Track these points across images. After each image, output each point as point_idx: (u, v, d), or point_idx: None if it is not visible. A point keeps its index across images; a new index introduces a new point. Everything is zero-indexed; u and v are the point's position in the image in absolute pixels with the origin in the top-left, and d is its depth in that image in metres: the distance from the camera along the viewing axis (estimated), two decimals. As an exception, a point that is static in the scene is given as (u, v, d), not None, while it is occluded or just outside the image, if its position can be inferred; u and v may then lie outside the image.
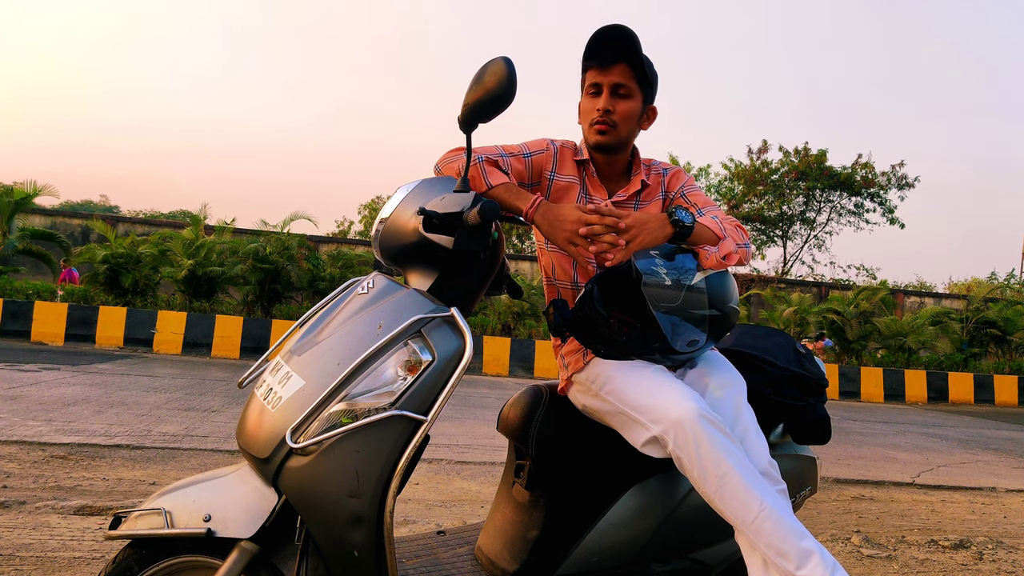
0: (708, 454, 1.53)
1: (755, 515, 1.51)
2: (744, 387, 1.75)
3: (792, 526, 1.52)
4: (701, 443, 1.53)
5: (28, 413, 5.21)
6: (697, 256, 1.71)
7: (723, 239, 1.72)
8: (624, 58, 1.78)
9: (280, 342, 1.61)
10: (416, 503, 3.76)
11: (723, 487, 1.52)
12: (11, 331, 10.89)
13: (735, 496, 1.52)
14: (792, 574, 1.48)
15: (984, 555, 3.51)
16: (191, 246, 12.85)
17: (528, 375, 11.84)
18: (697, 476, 1.54)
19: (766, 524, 1.51)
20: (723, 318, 1.72)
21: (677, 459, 1.57)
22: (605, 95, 1.80)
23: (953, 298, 19.97)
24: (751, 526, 1.51)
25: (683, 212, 1.66)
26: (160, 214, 31.33)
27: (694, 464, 1.54)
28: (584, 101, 1.86)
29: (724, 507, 1.54)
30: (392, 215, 1.61)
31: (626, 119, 1.82)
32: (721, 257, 1.70)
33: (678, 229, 1.64)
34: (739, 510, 1.52)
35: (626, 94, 1.81)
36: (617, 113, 1.80)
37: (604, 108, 1.80)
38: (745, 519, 1.52)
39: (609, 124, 1.81)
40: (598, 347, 1.76)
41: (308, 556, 1.45)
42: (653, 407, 1.61)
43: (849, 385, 12.75)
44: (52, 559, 2.61)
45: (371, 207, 29.31)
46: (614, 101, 1.80)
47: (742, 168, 22.27)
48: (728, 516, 1.55)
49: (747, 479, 1.53)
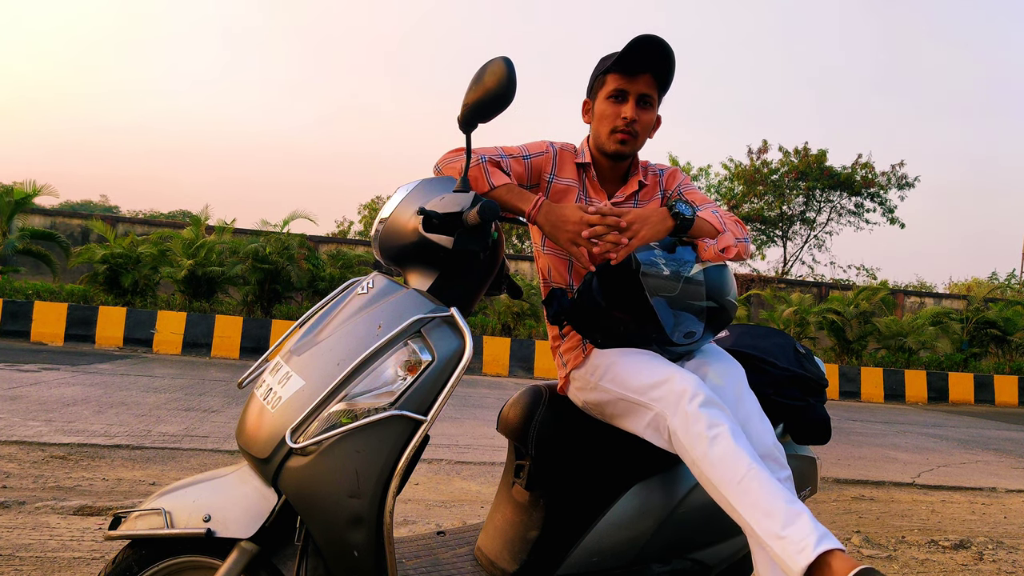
0: (703, 420, 1.52)
1: (743, 475, 1.46)
2: (744, 375, 1.75)
3: (781, 489, 1.46)
4: (698, 413, 1.53)
5: (28, 413, 5.21)
6: (696, 248, 1.72)
7: (722, 232, 1.73)
8: (652, 68, 1.78)
9: (280, 342, 1.62)
10: (416, 503, 3.76)
11: (713, 448, 1.49)
12: (11, 331, 10.89)
13: (724, 458, 1.48)
14: (777, 534, 1.40)
15: (984, 555, 3.51)
16: (191, 246, 12.84)
17: (528, 375, 11.84)
18: (689, 443, 1.52)
19: (753, 483, 1.46)
20: (721, 311, 1.74)
21: (674, 435, 1.56)
22: (631, 104, 1.80)
23: (953, 298, 19.96)
24: (738, 486, 1.46)
25: (683, 205, 1.67)
26: (160, 214, 31.31)
27: (688, 430, 1.52)
28: (604, 105, 1.84)
29: (712, 470, 1.49)
30: (392, 215, 1.61)
31: (647, 129, 1.85)
32: (720, 250, 1.71)
33: (679, 222, 1.65)
34: (727, 471, 1.48)
35: (649, 104, 1.82)
36: (640, 123, 1.82)
37: (632, 117, 1.79)
38: (732, 479, 1.47)
39: (632, 134, 1.81)
40: (596, 337, 1.78)
41: (308, 556, 1.45)
42: (653, 385, 1.62)
43: (849, 385, 12.75)
44: (52, 559, 2.61)
45: (371, 207, 29.31)
46: (639, 111, 1.81)
47: (742, 168, 22.25)
48: (716, 480, 1.49)
49: (737, 441, 1.50)
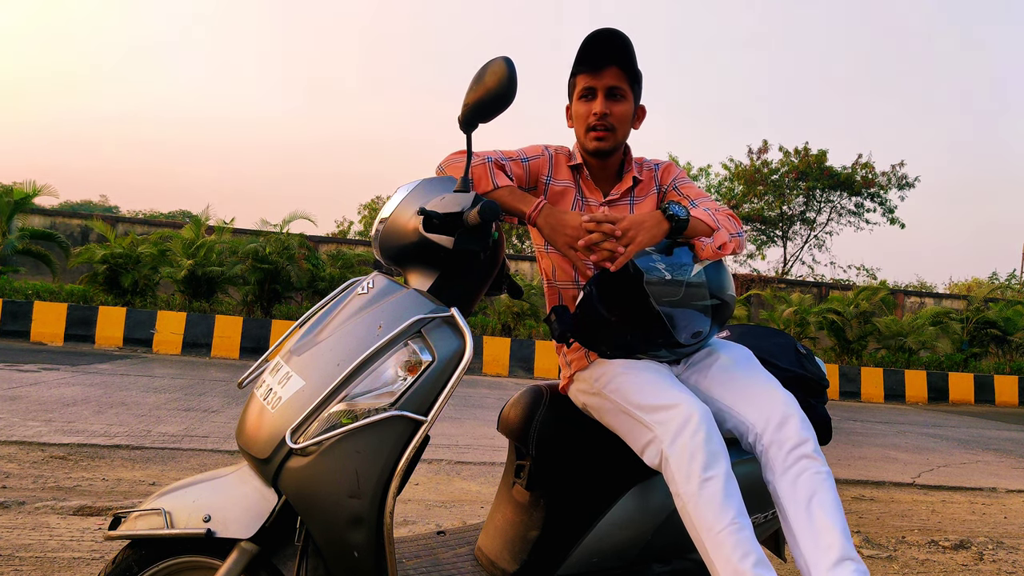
0: (701, 456, 1.51)
1: (724, 526, 1.47)
2: (752, 354, 1.80)
3: (755, 550, 1.47)
4: (698, 445, 1.52)
5: (27, 413, 5.21)
6: (693, 248, 1.72)
7: (717, 230, 1.74)
8: (615, 60, 1.79)
9: (280, 342, 1.61)
10: (416, 503, 3.76)
11: (703, 490, 1.49)
12: (10, 331, 10.88)
13: (711, 503, 1.49)
14: None
15: (984, 555, 3.51)
16: (191, 246, 12.83)
17: (528, 375, 11.83)
18: (682, 477, 1.51)
19: (730, 539, 1.46)
20: (723, 306, 1.75)
21: (666, 462, 1.54)
22: (600, 99, 1.81)
23: (953, 298, 19.95)
24: (716, 536, 1.47)
25: (677, 207, 1.67)
26: (159, 214, 31.30)
27: (682, 465, 1.51)
28: (577, 106, 1.86)
29: (696, 510, 1.50)
30: (392, 215, 1.61)
31: (622, 121, 1.84)
32: (716, 247, 1.72)
33: (674, 224, 1.65)
34: (709, 517, 1.48)
35: (621, 96, 1.83)
36: (614, 116, 1.82)
37: (601, 112, 1.80)
38: (712, 527, 1.47)
39: (608, 128, 1.82)
40: (603, 348, 1.77)
41: (308, 557, 1.45)
42: (658, 406, 1.61)
43: (849, 385, 12.74)
44: (52, 559, 2.61)
45: (371, 207, 29.30)
46: (610, 104, 1.82)
47: (742, 168, 22.25)
48: (697, 521, 1.50)
49: (728, 489, 1.50)
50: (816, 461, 1.57)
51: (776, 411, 1.61)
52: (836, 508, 1.54)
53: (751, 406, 1.64)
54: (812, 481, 1.54)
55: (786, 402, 1.64)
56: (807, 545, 1.51)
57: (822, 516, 1.51)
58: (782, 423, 1.60)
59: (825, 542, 1.49)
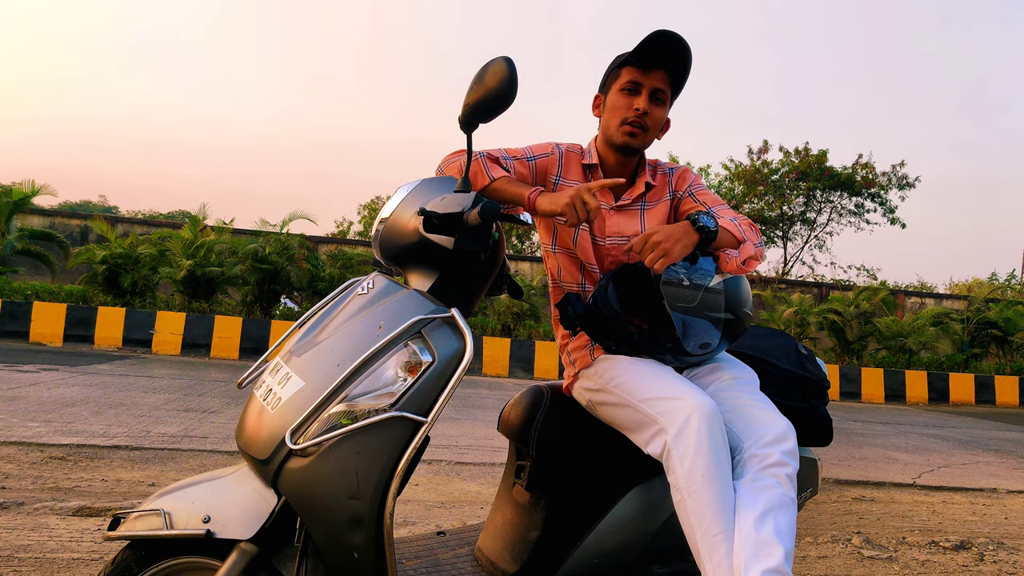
0: (705, 453, 1.50)
1: (720, 530, 1.47)
2: (756, 380, 1.76)
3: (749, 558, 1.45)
4: (703, 441, 1.51)
5: (27, 414, 5.21)
6: (717, 259, 1.70)
7: (743, 242, 1.71)
8: (670, 65, 1.78)
9: (279, 343, 1.61)
10: (416, 504, 3.75)
11: (705, 489, 1.49)
12: (10, 331, 10.87)
13: (711, 504, 1.48)
14: None
15: (985, 556, 3.51)
16: (190, 246, 12.83)
17: (528, 376, 11.83)
18: (684, 471, 1.50)
19: (725, 544, 1.46)
20: (737, 322, 1.74)
21: (668, 452, 1.54)
22: (644, 96, 1.79)
23: (954, 298, 19.96)
24: (712, 538, 1.47)
25: (706, 218, 1.64)
26: (159, 214, 31.28)
27: (685, 458, 1.50)
28: (616, 97, 1.83)
29: (694, 510, 1.49)
30: (392, 215, 1.60)
31: (656, 126, 1.83)
32: (741, 262, 1.70)
33: (704, 236, 1.63)
34: (707, 518, 1.48)
35: (662, 101, 1.82)
36: (652, 118, 1.80)
37: (643, 109, 1.78)
38: (709, 529, 1.47)
39: (643, 127, 1.80)
40: (609, 343, 1.77)
41: (308, 557, 1.45)
42: (663, 400, 1.60)
43: (850, 386, 12.74)
44: (51, 560, 2.61)
45: (371, 207, 29.29)
46: (651, 105, 1.80)
47: (742, 168, 22.24)
48: (693, 522, 1.50)
49: (727, 493, 1.50)
50: (787, 486, 1.52)
51: (771, 432, 1.58)
52: (789, 532, 1.48)
53: (749, 425, 1.61)
54: (775, 499, 1.49)
55: (784, 428, 1.60)
56: (747, 552, 1.44)
57: (770, 532, 1.45)
58: (772, 443, 1.57)
59: (764, 552, 1.43)
